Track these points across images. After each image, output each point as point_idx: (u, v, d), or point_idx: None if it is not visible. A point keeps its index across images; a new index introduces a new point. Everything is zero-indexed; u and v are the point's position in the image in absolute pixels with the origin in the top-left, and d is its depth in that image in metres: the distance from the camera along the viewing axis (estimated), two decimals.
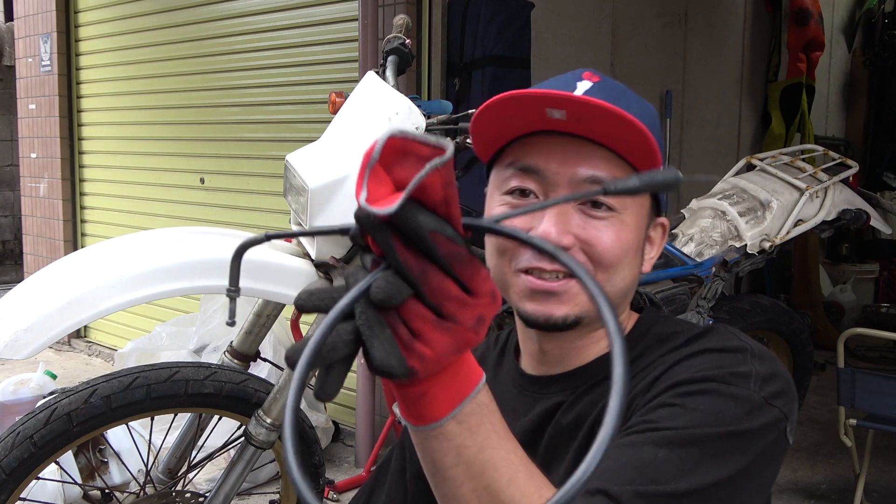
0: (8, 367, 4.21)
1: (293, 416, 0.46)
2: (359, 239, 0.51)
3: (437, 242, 0.48)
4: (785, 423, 0.77)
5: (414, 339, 0.50)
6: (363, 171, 0.48)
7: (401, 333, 0.50)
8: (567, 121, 0.79)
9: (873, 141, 6.05)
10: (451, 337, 0.50)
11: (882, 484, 3.14)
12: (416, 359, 0.50)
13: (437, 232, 0.48)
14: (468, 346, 0.52)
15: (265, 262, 1.65)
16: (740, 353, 0.80)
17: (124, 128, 4.67)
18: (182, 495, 1.90)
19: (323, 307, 0.50)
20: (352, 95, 1.84)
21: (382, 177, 0.49)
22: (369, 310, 0.49)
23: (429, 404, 0.55)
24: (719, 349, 0.81)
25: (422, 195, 0.47)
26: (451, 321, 0.50)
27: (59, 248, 4.99)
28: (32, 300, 1.50)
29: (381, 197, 0.48)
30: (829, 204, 2.84)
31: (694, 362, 0.79)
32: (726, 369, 0.78)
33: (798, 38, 5.10)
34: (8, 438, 1.58)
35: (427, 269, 0.49)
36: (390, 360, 0.49)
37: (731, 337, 0.83)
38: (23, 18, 5.25)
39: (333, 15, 3.54)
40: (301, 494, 0.44)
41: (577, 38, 3.79)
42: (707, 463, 0.72)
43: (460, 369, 0.56)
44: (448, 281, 0.50)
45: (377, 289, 0.48)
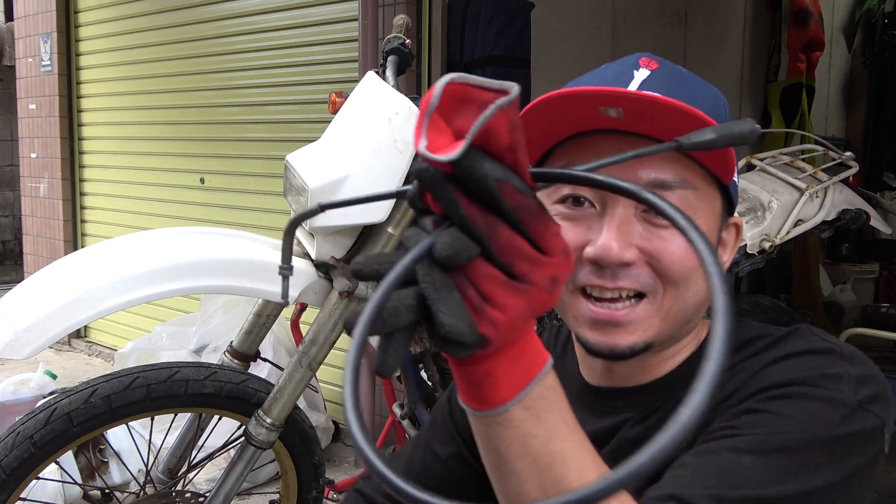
0: (8, 367, 4.21)
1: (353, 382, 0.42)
2: (417, 201, 0.47)
3: (505, 194, 0.43)
4: (882, 430, 0.70)
5: (484, 302, 0.45)
6: (422, 120, 0.43)
7: (470, 296, 0.45)
8: (624, 119, 0.72)
9: (873, 141, 6.05)
10: (525, 299, 0.45)
11: (882, 484, 3.14)
12: (488, 325, 0.45)
13: (505, 182, 0.43)
14: (543, 310, 0.47)
15: (265, 262, 1.65)
16: (829, 355, 0.73)
17: (124, 128, 4.67)
18: (182, 495, 1.90)
19: (384, 271, 0.45)
20: (352, 95, 1.84)
21: (442, 126, 0.44)
22: (434, 270, 0.44)
23: (493, 385, 0.50)
24: (805, 351, 0.74)
25: (486, 141, 0.43)
26: (523, 282, 0.45)
27: (59, 248, 4.99)
28: (32, 300, 1.50)
29: (441, 147, 0.43)
30: (829, 204, 2.84)
31: (778, 367, 0.73)
32: (815, 371, 0.71)
33: (798, 38, 5.10)
34: (8, 438, 1.58)
35: (495, 225, 0.44)
36: (461, 325, 0.44)
37: (816, 339, 0.75)
38: (23, 18, 5.25)
39: (333, 15, 3.54)
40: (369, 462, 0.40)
41: (577, 38, 3.79)
42: (797, 471, 0.65)
43: (527, 348, 0.51)
44: (518, 237, 0.45)
45: (442, 246, 0.44)
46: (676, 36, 4.48)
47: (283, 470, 1.94)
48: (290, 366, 1.73)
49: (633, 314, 0.75)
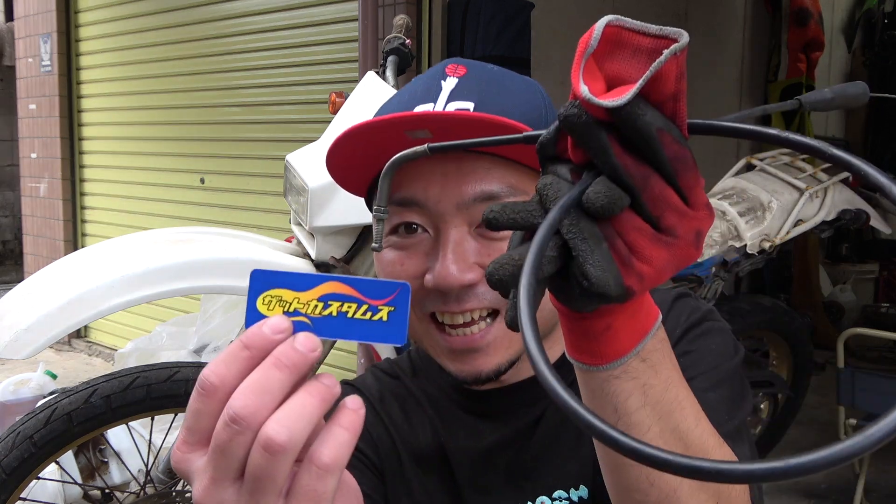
0: (8, 367, 4.21)
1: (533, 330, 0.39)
2: (550, 147, 0.45)
3: (665, 143, 0.41)
4: None
5: (631, 254, 0.43)
6: (579, 62, 0.41)
7: (618, 247, 0.43)
8: (435, 137, 0.68)
9: (873, 141, 6.05)
10: (670, 253, 0.44)
11: (882, 484, 3.15)
12: (635, 277, 0.43)
13: (666, 132, 0.41)
14: (686, 264, 0.46)
15: (264, 262, 1.65)
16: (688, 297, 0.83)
17: (124, 128, 4.67)
18: (182, 495, 1.90)
19: (521, 221, 0.44)
20: (352, 95, 1.84)
21: (594, 70, 0.42)
22: (583, 220, 0.42)
23: (612, 339, 0.49)
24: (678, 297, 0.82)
25: (651, 88, 0.40)
26: (670, 235, 0.44)
27: (59, 248, 4.99)
28: (32, 300, 1.50)
29: (595, 92, 0.41)
30: (828, 204, 2.84)
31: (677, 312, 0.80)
32: (702, 308, 0.80)
33: (798, 38, 5.10)
34: (8, 438, 1.58)
35: (649, 176, 0.42)
36: (608, 278, 0.42)
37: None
38: (23, 18, 5.25)
39: (333, 15, 3.54)
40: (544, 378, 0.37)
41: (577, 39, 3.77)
42: (740, 396, 0.74)
43: (644, 300, 0.50)
44: (670, 189, 0.43)
45: (596, 195, 0.41)
46: None
47: None
48: None
49: (490, 335, 0.74)
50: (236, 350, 0.44)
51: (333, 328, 0.47)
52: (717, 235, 2.67)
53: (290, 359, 0.43)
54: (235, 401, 0.42)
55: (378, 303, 0.47)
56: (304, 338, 0.44)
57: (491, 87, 0.75)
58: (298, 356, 0.43)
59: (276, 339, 0.44)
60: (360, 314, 0.47)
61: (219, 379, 0.43)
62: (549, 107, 0.78)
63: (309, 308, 0.47)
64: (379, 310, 0.47)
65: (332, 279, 0.47)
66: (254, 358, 0.44)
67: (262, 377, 0.43)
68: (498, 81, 0.77)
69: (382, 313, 0.47)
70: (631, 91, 0.40)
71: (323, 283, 0.47)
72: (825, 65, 5.71)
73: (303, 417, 0.42)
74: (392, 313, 0.47)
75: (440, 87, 0.75)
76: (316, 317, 0.47)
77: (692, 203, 0.44)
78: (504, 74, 0.79)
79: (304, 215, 1.68)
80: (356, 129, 0.71)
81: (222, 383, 0.43)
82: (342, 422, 0.44)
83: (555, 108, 0.78)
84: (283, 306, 0.47)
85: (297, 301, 0.47)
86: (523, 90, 0.78)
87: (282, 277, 0.47)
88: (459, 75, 0.76)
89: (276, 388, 0.42)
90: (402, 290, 0.47)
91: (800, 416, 3.34)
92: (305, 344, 0.44)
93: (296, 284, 0.47)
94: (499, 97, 0.74)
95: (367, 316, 0.47)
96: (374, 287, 0.47)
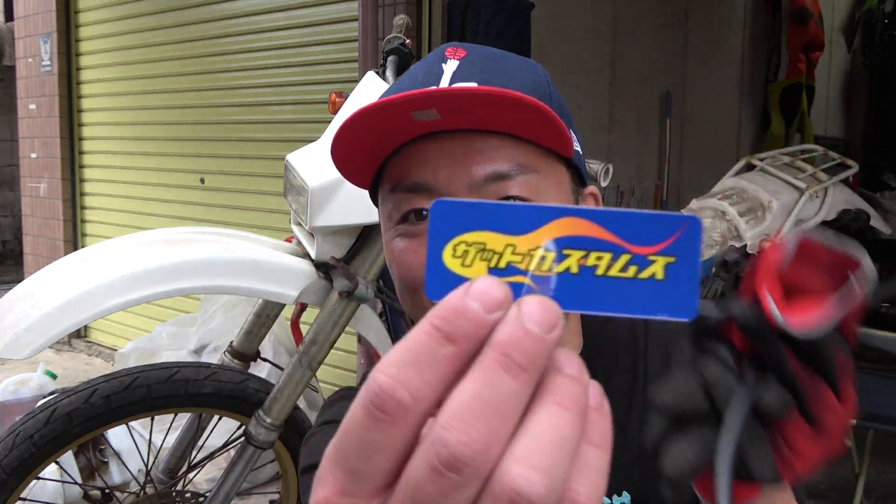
0: (8, 367, 4.21)
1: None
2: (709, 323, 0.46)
3: (838, 361, 0.43)
4: None
5: (790, 451, 0.45)
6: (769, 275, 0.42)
7: (779, 444, 0.45)
8: (443, 118, 0.67)
9: (873, 141, 6.05)
10: (822, 447, 0.46)
11: (882, 484, 3.14)
12: (789, 470, 0.46)
13: (840, 351, 0.43)
14: (833, 455, 0.48)
15: (265, 261, 1.65)
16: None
17: (124, 128, 4.67)
18: (182, 495, 1.90)
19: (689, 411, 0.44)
20: (352, 95, 1.84)
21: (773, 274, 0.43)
22: (752, 420, 0.44)
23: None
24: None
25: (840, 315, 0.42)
26: (825, 431, 0.45)
27: (59, 248, 4.99)
28: (32, 300, 1.50)
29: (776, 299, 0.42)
30: (828, 204, 2.84)
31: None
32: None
33: (798, 38, 5.11)
34: (8, 438, 1.58)
35: (819, 386, 0.44)
36: (766, 471, 0.44)
37: None
38: (23, 18, 5.25)
39: (333, 15, 3.54)
40: None
41: (577, 38, 3.79)
42: None
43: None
44: (833, 395, 0.45)
45: (770, 403, 0.43)
46: (676, 36, 4.48)
47: (283, 470, 1.95)
48: (290, 366, 1.73)
49: None
50: (429, 341, 0.27)
51: (574, 294, 0.31)
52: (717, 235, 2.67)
53: (525, 352, 0.27)
54: (449, 433, 0.26)
55: (647, 250, 0.31)
56: (538, 309, 0.27)
57: (493, 67, 0.73)
58: (536, 345, 0.27)
59: (492, 320, 0.27)
60: (616, 270, 0.31)
61: (410, 392, 0.27)
62: (550, 84, 0.76)
63: (531, 262, 0.31)
64: (649, 261, 0.31)
65: (568, 212, 0.31)
66: (461, 354, 0.27)
67: (485, 390, 0.27)
68: (499, 61, 0.75)
69: (656, 267, 0.31)
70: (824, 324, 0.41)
71: (552, 221, 0.31)
72: (825, 65, 5.71)
73: (561, 449, 0.27)
74: (673, 267, 0.31)
75: (441, 70, 0.73)
76: (543, 275, 0.31)
77: (845, 397, 0.45)
78: (504, 55, 0.77)
79: (304, 215, 1.68)
80: (360, 113, 0.68)
81: (416, 399, 0.27)
82: (593, 438, 0.28)
83: (556, 87, 0.77)
84: (487, 259, 0.31)
85: (510, 250, 0.31)
86: (525, 69, 0.76)
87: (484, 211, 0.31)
88: (460, 57, 0.74)
89: (512, 407, 0.27)
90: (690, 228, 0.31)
91: None
92: (543, 320, 0.27)
93: (507, 222, 0.31)
94: (501, 76, 0.72)
95: (629, 273, 0.31)
96: (641, 224, 0.31)
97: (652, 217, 0.31)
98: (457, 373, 0.27)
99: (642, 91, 4.27)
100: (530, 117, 0.66)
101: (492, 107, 0.65)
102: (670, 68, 4.46)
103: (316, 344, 1.72)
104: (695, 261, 0.31)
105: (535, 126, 0.68)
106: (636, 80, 4.17)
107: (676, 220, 0.31)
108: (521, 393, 0.27)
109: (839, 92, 6.19)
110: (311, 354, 1.72)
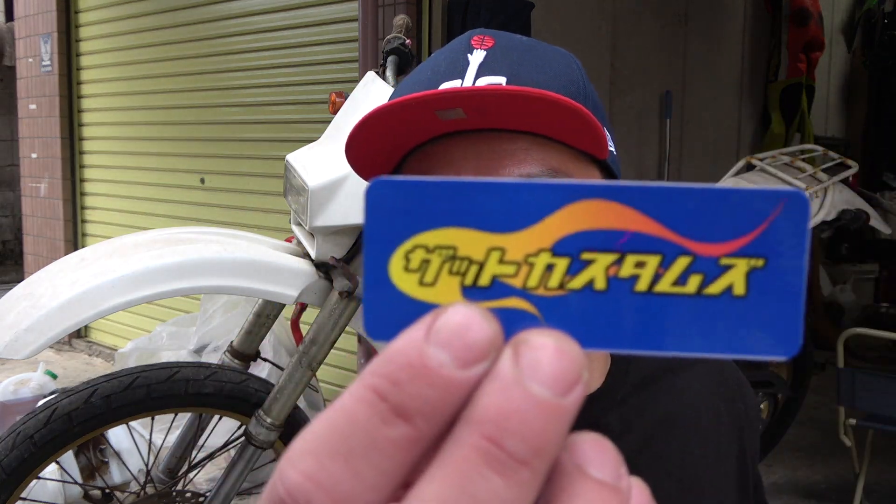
0: (8, 367, 4.21)
1: None
2: None
3: None
4: None
5: None
6: None
7: None
8: (468, 117, 0.62)
9: (873, 141, 6.05)
10: None
11: (882, 484, 3.14)
12: None
13: None
14: None
15: (265, 262, 1.65)
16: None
17: (124, 128, 4.67)
18: (182, 495, 1.90)
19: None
20: (352, 95, 1.84)
21: None
22: None
23: None
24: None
25: None
26: None
27: (59, 248, 4.99)
28: (32, 300, 1.50)
29: None
30: (828, 204, 2.84)
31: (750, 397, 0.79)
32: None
33: (798, 38, 5.10)
34: (8, 438, 1.58)
35: None
36: None
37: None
38: (23, 18, 5.25)
39: (333, 15, 3.54)
40: None
41: (577, 38, 3.79)
42: None
43: None
44: None
45: None
46: (676, 36, 4.48)
47: None
48: (290, 366, 1.73)
49: None
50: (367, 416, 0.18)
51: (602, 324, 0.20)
52: None
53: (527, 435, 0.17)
54: None
55: (719, 249, 0.20)
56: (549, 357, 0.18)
57: (523, 59, 0.67)
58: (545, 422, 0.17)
59: (469, 379, 0.18)
60: (669, 283, 0.20)
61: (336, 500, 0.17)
62: (585, 79, 0.70)
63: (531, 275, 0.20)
64: (722, 267, 0.20)
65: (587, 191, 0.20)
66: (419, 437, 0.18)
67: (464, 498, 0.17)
68: (530, 52, 0.68)
69: (733, 275, 0.20)
70: None
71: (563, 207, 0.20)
72: (825, 65, 5.71)
73: None
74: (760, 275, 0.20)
75: (467, 61, 0.67)
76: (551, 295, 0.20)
77: None
78: (535, 44, 0.70)
79: (304, 215, 1.68)
80: (382, 109, 0.64)
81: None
82: None
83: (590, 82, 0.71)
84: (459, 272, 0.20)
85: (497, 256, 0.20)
86: (558, 61, 0.69)
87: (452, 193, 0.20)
88: (487, 47, 0.68)
89: None
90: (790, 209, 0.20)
91: (800, 416, 3.34)
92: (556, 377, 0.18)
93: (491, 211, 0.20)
94: (532, 70, 0.66)
95: (689, 287, 0.20)
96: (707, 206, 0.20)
97: (726, 194, 0.19)
98: (410, 467, 0.18)
99: (642, 91, 4.27)
100: (564, 118, 0.61)
101: (522, 106, 0.61)
102: (670, 68, 4.46)
103: (316, 344, 1.72)
104: (799, 262, 0.19)
105: (568, 127, 0.63)
106: (636, 80, 4.17)
107: (766, 198, 0.19)
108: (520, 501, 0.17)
109: (839, 92, 6.19)
110: (311, 354, 1.72)
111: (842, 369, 2.68)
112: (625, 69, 4.10)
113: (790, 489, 3.13)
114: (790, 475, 3.24)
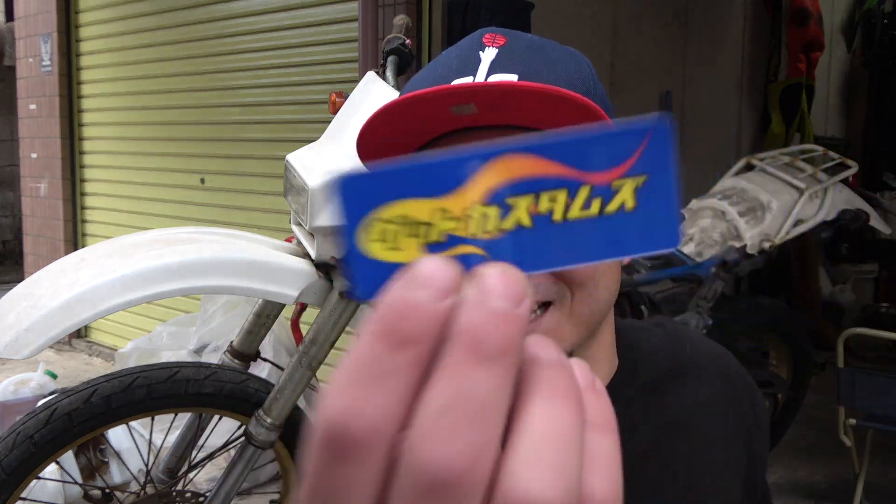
0: (8, 367, 4.21)
1: None
2: None
3: None
4: None
5: None
6: None
7: None
8: (480, 114, 0.63)
9: (873, 141, 6.05)
10: None
11: (882, 484, 3.14)
12: None
13: None
14: None
15: (265, 262, 1.65)
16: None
17: (125, 128, 4.67)
18: (182, 495, 1.91)
19: None
20: (352, 95, 1.84)
21: None
22: None
23: None
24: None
25: None
26: None
27: (59, 248, 4.99)
28: (32, 300, 1.50)
29: None
30: (828, 204, 2.84)
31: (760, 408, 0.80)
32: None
33: (798, 38, 5.11)
34: (8, 438, 1.58)
35: None
36: None
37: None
38: (23, 18, 5.25)
39: (333, 15, 3.54)
40: None
41: (577, 38, 3.79)
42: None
43: None
44: None
45: None
46: (676, 36, 4.48)
47: (283, 470, 1.95)
48: (290, 366, 1.73)
49: (542, 326, 0.65)
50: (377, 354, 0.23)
51: (534, 251, 0.25)
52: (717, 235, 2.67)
53: (497, 337, 0.22)
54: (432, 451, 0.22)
55: (609, 175, 0.25)
56: (499, 281, 0.23)
57: (535, 57, 0.68)
58: (508, 326, 0.22)
59: (446, 308, 0.23)
60: (577, 210, 0.25)
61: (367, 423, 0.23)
62: (595, 79, 0.71)
63: (472, 225, 0.25)
64: (614, 190, 0.25)
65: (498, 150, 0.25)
66: (419, 359, 0.23)
67: (458, 392, 0.22)
68: (541, 51, 0.69)
69: (624, 195, 0.25)
70: None
71: (483, 167, 0.25)
72: (825, 65, 5.71)
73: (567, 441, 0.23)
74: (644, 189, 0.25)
75: (478, 59, 0.68)
76: (491, 237, 0.25)
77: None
78: (546, 44, 0.71)
79: (304, 215, 1.68)
80: (395, 103, 0.64)
81: (376, 430, 0.23)
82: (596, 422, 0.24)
83: (600, 82, 0.72)
84: (416, 235, 0.25)
85: (441, 216, 0.25)
86: (568, 60, 0.70)
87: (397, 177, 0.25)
88: (499, 45, 0.68)
89: (495, 405, 0.22)
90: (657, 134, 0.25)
91: (800, 416, 3.34)
92: (508, 294, 0.23)
93: (427, 182, 0.25)
94: (544, 68, 0.67)
95: (592, 210, 0.25)
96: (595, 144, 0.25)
97: (607, 133, 0.24)
98: (418, 382, 0.23)
99: (642, 91, 4.27)
100: (575, 115, 0.62)
101: (531, 102, 0.62)
102: (670, 68, 4.46)
103: (316, 344, 1.72)
104: (668, 174, 0.24)
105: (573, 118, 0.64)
106: (636, 80, 4.17)
107: (638, 129, 0.24)
108: (501, 387, 0.22)
109: (839, 92, 6.19)
110: (311, 354, 1.72)
111: (842, 369, 2.68)
112: (625, 69, 4.10)
113: (790, 489, 3.13)
114: (790, 475, 3.24)
